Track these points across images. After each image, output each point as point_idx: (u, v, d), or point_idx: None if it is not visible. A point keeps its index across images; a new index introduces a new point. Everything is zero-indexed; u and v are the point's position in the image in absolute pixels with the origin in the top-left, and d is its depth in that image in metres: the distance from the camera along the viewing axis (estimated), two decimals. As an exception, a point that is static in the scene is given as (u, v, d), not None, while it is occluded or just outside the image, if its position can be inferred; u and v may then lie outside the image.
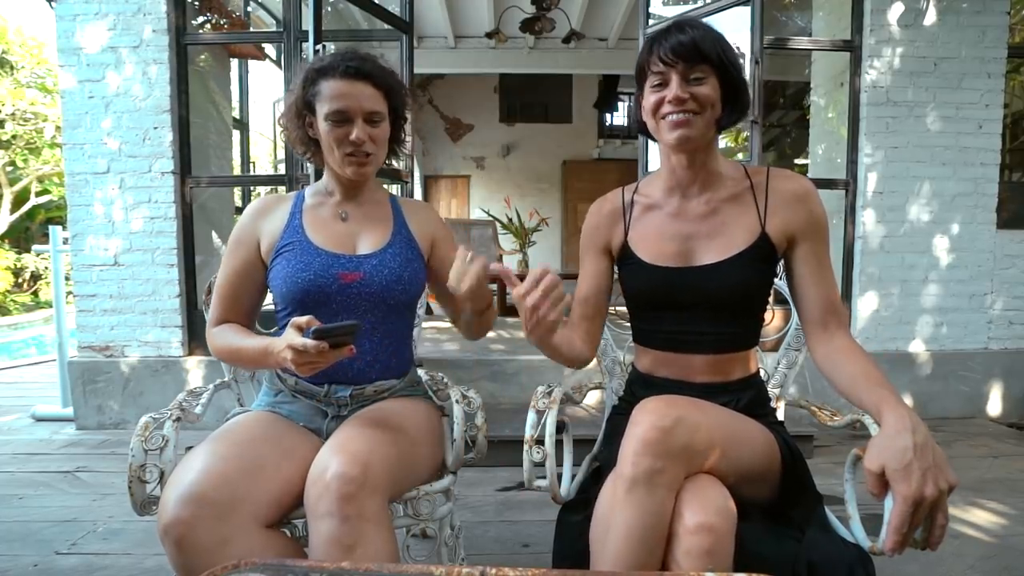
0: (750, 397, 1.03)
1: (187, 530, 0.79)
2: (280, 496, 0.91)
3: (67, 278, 3.10)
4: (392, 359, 1.14)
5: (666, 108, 0.92)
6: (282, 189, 3.00)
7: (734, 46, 0.97)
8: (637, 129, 1.03)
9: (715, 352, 1.02)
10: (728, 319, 1.01)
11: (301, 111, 1.10)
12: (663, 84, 0.92)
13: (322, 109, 1.06)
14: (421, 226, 1.21)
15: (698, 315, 1.01)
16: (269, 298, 1.22)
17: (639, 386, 1.10)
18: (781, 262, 1.04)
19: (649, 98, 0.94)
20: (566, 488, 1.08)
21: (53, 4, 2.74)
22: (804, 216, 0.98)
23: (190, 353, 2.84)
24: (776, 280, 1.28)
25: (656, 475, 0.80)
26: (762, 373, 1.13)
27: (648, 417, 0.83)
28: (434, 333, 3.61)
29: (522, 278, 0.84)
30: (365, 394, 1.10)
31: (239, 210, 3.89)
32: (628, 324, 1.17)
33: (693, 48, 0.89)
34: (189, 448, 0.98)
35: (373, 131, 1.08)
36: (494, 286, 5.30)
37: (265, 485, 0.89)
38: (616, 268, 1.11)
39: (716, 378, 1.03)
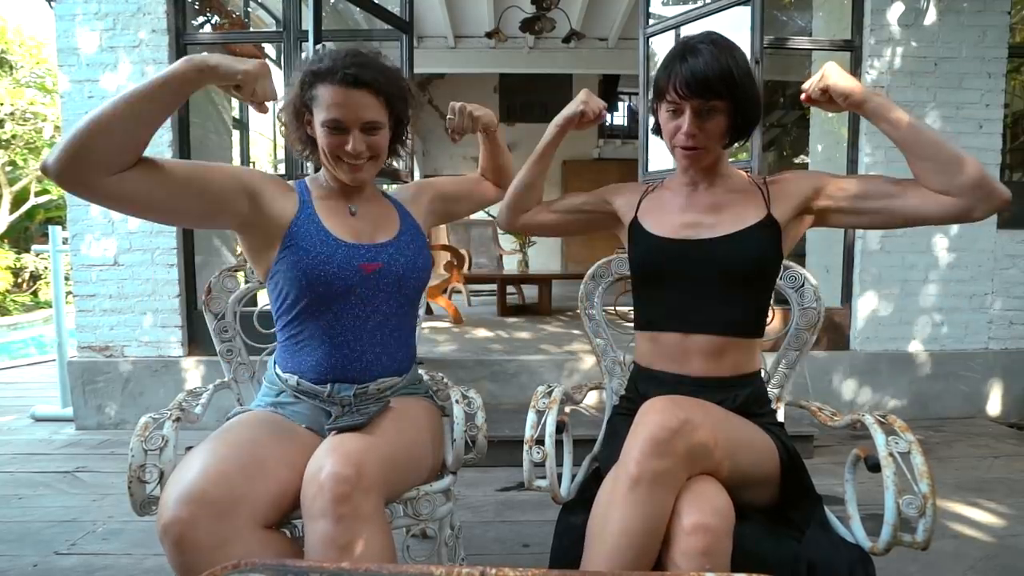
0: (747, 395, 1.03)
1: (186, 530, 0.79)
2: (280, 496, 0.91)
3: (67, 278, 3.10)
4: (399, 351, 1.15)
5: (679, 139, 1.01)
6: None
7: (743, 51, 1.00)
8: (653, 131, 1.10)
9: (715, 333, 1.02)
10: (729, 297, 1.02)
11: (300, 110, 1.08)
12: (678, 112, 1.00)
13: (319, 115, 1.04)
14: (418, 208, 1.25)
15: (702, 290, 1.03)
16: (264, 299, 1.21)
17: (641, 381, 1.11)
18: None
19: (665, 122, 1.03)
20: (566, 488, 1.08)
21: (52, 4, 2.74)
22: (798, 181, 1.04)
23: (189, 353, 2.84)
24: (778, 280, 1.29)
25: (660, 476, 0.81)
26: (762, 374, 1.13)
27: (655, 417, 0.84)
28: (433, 333, 3.61)
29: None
30: (368, 393, 1.10)
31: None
32: (628, 323, 1.17)
33: (705, 84, 0.94)
34: (189, 448, 0.98)
35: (371, 139, 1.06)
36: (493, 286, 5.30)
37: (265, 485, 0.89)
38: (626, 246, 1.16)
39: (714, 371, 1.03)
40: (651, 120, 1.09)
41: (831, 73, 0.96)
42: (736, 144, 1.08)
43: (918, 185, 0.94)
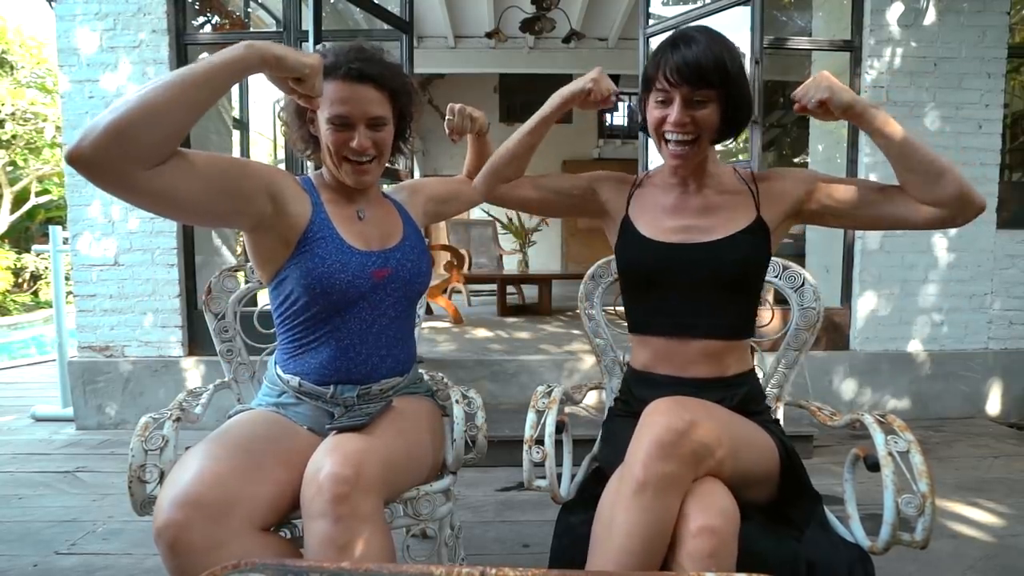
0: (744, 394, 1.04)
1: (181, 533, 0.78)
2: (277, 498, 0.90)
3: (67, 278, 3.10)
4: (401, 352, 1.15)
5: (667, 128, 0.98)
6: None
7: (737, 48, 0.99)
8: (639, 128, 1.08)
9: (708, 337, 1.02)
10: (724, 301, 1.02)
11: (302, 108, 1.07)
12: (667, 102, 0.97)
13: (323, 111, 1.03)
14: (415, 209, 1.25)
15: (693, 294, 1.03)
16: (265, 299, 1.21)
17: (636, 384, 1.11)
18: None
19: (653, 112, 0.99)
20: (566, 488, 1.08)
21: (53, 4, 2.74)
22: (789, 183, 1.04)
23: (190, 353, 2.84)
24: (775, 279, 1.29)
25: (666, 479, 0.80)
26: (760, 373, 1.14)
27: (661, 419, 0.83)
28: (433, 333, 3.61)
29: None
30: (371, 393, 1.10)
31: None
32: (627, 323, 1.17)
33: (697, 71, 0.92)
34: (189, 448, 0.98)
35: (376, 135, 1.05)
36: (493, 286, 5.31)
37: (262, 487, 0.89)
38: (615, 243, 1.14)
39: (711, 372, 1.03)
40: (639, 116, 1.07)
41: (831, 86, 0.92)
42: (723, 143, 1.06)
43: (903, 193, 0.96)
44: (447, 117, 1.25)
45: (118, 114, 0.74)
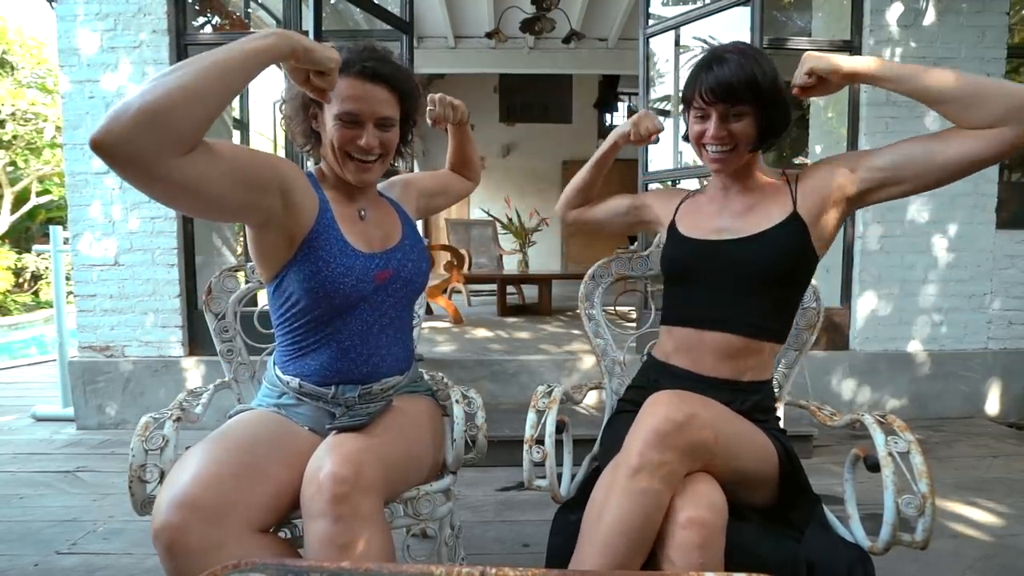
0: (755, 401, 1.04)
1: (177, 535, 0.78)
2: (277, 499, 0.90)
3: (67, 278, 3.11)
4: (401, 351, 1.15)
5: (706, 140, 1.03)
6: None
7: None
8: (683, 138, 1.17)
9: (730, 332, 1.03)
10: (750, 298, 1.03)
11: (307, 102, 1.06)
12: (705, 117, 1.02)
13: (332, 107, 1.02)
14: (409, 205, 1.26)
15: (723, 290, 1.05)
16: (263, 299, 1.21)
17: (653, 371, 1.13)
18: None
19: (693, 126, 1.06)
20: (566, 488, 1.08)
21: (53, 4, 2.74)
22: (823, 172, 1.04)
23: (190, 353, 2.84)
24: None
25: (661, 468, 0.82)
26: (773, 383, 1.14)
27: (661, 409, 0.85)
28: (433, 333, 3.61)
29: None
30: (372, 392, 1.10)
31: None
32: (628, 323, 1.18)
33: (729, 90, 0.97)
34: (189, 448, 0.98)
35: (383, 135, 1.05)
36: (493, 286, 5.31)
37: (260, 488, 0.88)
38: (662, 246, 1.21)
39: (727, 373, 1.04)
40: (683, 127, 1.15)
41: (819, 57, 0.96)
42: (761, 149, 1.08)
43: (957, 130, 0.89)
44: (428, 107, 1.26)
45: (153, 97, 0.70)
